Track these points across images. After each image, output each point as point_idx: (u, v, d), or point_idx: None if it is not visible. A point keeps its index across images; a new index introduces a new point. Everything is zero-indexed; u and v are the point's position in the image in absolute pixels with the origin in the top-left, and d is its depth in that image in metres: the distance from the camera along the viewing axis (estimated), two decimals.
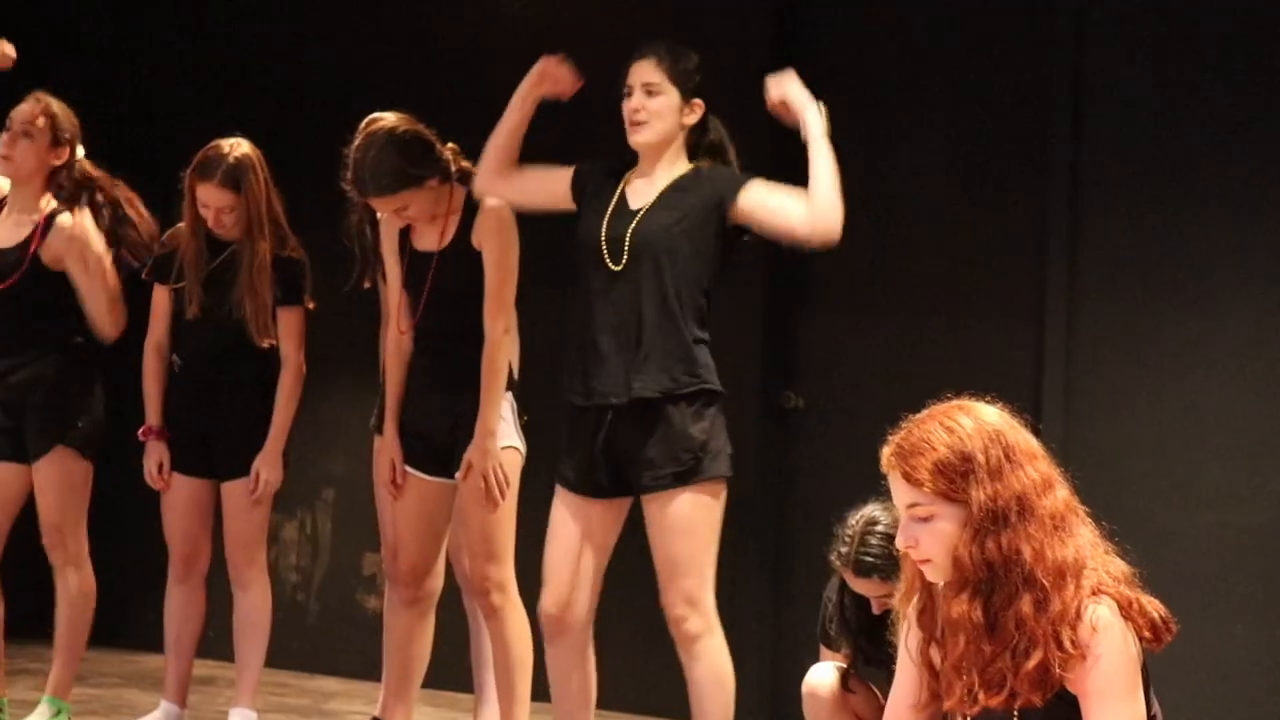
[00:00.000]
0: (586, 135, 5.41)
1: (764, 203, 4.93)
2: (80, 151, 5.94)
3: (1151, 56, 6.20)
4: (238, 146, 5.81)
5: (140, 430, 5.92)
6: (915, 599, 3.27)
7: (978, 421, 3.18)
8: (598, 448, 4.94)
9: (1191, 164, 6.12)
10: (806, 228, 4.87)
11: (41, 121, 5.84)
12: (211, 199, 5.77)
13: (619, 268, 4.92)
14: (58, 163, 5.87)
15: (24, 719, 5.83)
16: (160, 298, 5.94)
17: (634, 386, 4.87)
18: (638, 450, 4.88)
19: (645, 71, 4.99)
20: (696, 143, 5.07)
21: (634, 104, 4.99)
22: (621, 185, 5.05)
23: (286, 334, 5.85)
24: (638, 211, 4.97)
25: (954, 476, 3.14)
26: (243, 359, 5.83)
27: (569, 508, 5.01)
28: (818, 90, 6.27)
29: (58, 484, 5.82)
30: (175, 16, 8.33)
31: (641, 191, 5.02)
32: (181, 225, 5.89)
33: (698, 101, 5.02)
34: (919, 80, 6.66)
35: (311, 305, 5.91)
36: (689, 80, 5.00)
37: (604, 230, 4.97)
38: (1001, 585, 3.11)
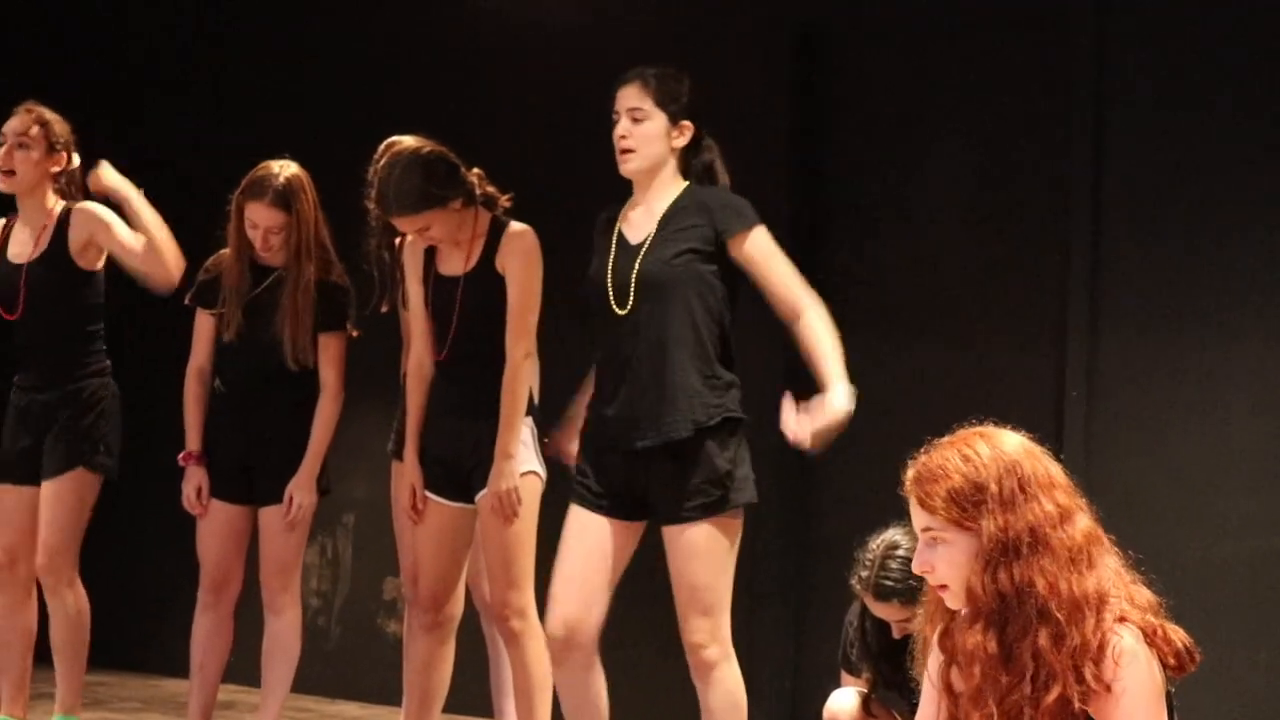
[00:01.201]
0: (588, 155, 5.42)
1: (764, 271, 4.92)
2: (75, 160, 5.98)
3: (1173, 79, 6.18)
4: (287, 167, 5.82)
5: (180, 456, 5.91)
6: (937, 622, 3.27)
7: (995, 451, 3.18)
8: (618, 481, 4.94)
9: (1215, 189, 6.11)
10: (789, 320, 4.91)
11: (35, 131, 5.93)
12: (261, 219, 5.77)
13: (624, 311, 4.92)
14: (57, 169, 5.97)
15: None
16: (203, 323, 5.94)
17: (645, 432, 4.87)
18: (660, 484, 4.88)
19: (630, 96, 4.96)
20: (689, 164, 5.05)
21: (620, 130, 4.96)
22: (619, 222, 5.03)
23: (327, 360, 5.85)
24: (639, 248, 4.95)
25: (966, 505, 3.15)
26: (285, 385, 5.83)
27: (583, 524, 4.99)
28: (836, 114, 6.22)
29: (71, 504, 5.85)
30: (178, 36, 8.35)
31: (639, 224, 4.99)
32: (225, 251, 5.90)
33: (686, 123, 4.98)
34: (938, 103, 6.66)
35: (356, 333, 5.92)
36: (676, 102, 4.96)
37: (609, 274, 4.96)
38: (1015, 617, 3.11)
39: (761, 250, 4.94)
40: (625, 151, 4.97)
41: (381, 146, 5.48)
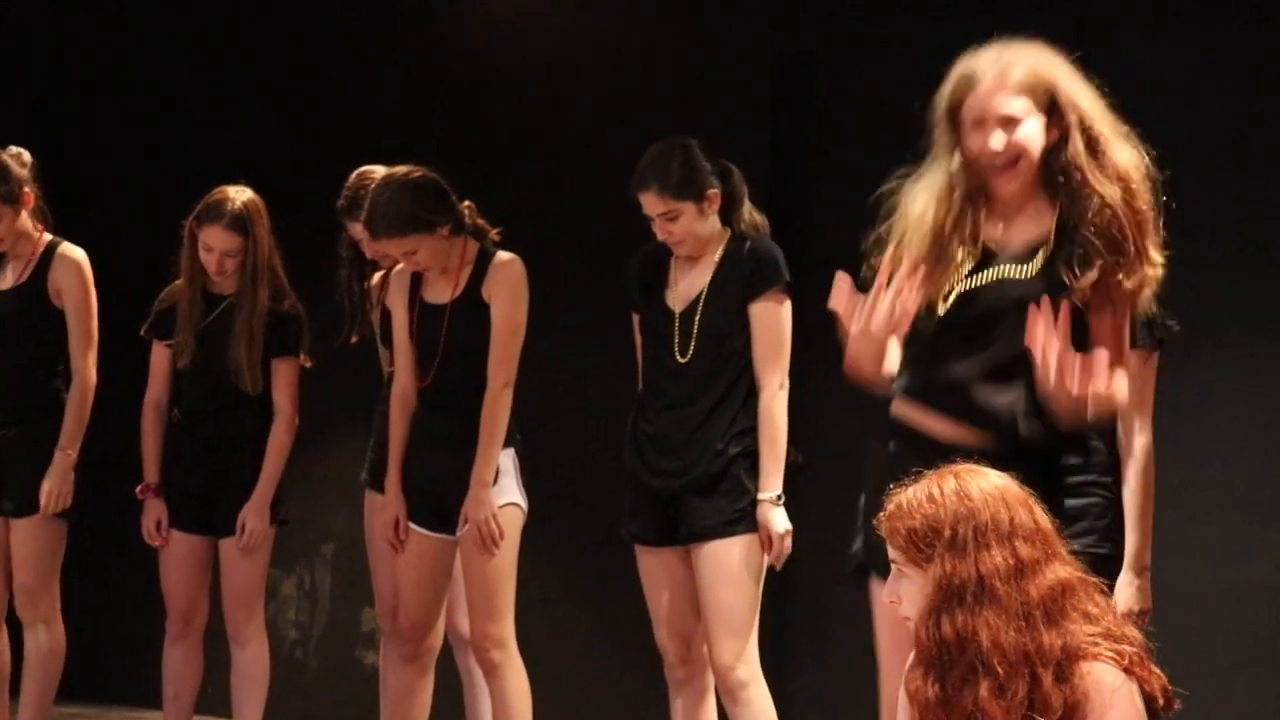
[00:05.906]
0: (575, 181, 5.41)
1: (757, 337, 5.20)
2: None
3: (1151, 76, 6.18)
4: (243, 193, 5.83)
5: (138, 488, 5.91)
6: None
7: (961, 494, 3.16)
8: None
9: (1203, 224, 6.12)
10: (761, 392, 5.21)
11: None
12: (217, 242, 5.77)
13: (685, 360, 5.16)
14: (28, 207, 5.86)
15: None
16: (159, 355, 5.94)
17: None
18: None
19: (652, 204, 5.15)
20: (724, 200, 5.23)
21: (661, 234, 5.18)
22: (671, 273, 5.26)
23: (280, 386, 5.85)
24: (696, 301, 5.18)
25: (922, 546, 3.15)
26: (242, 414, 5.83)
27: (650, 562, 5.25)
28: (821, 117, 6.16)
29: (39, 546, 5.82)
30: (168, 73, 8.32)
31: (693, 279, 5.22)
32: (179, 282, 5.89)
33: (711, 192, 5.17)
34: (920, 122, 6.64)
35: (308, 363, 5.91)
36: (691, 186, 5.13)
37: (675, 321, 5.19)
38: (956, 665, 3.08)
39: (760, 320, 5.20)
40: (675, 243, 5.20)
41: (354, 175, 5.48)
